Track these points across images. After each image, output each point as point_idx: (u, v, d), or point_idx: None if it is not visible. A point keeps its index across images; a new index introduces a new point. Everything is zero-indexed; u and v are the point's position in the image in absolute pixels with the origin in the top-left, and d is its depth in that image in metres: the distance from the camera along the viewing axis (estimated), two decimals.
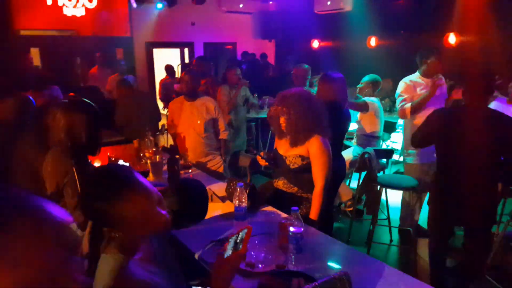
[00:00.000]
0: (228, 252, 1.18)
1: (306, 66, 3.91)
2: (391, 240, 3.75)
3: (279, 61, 8.98)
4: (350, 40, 7.13)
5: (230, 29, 8.80)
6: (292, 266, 1.64)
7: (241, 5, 8.36)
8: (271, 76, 7.51)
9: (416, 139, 2.75)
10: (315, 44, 8.04)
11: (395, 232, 3.84)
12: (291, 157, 2.41)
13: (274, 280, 1.45)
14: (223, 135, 3.63)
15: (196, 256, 1.67)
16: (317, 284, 1.19)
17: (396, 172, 4.88)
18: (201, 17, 8.24)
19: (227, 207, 2.29)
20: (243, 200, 2.05)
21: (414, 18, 6.35)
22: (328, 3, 7.30)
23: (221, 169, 3.60)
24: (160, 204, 1.15)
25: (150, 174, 2.74)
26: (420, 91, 3.46)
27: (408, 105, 3.41)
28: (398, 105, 3.55)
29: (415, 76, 3.55)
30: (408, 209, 3.76)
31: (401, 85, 3.54)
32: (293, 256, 1.68)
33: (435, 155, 2.79)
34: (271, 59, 9.08)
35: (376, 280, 1.59)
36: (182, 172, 2.88)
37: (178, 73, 7.04)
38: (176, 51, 8.66)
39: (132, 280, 1.05)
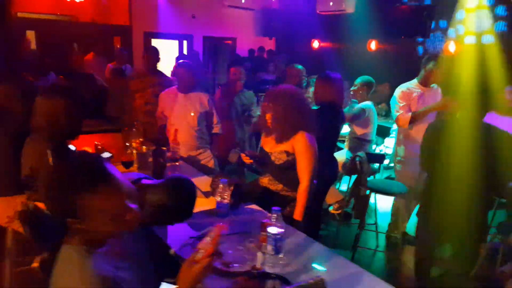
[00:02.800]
0: (201, 252, 1.14)
1: (299, 66, 3.85)
2: (377, 246, 3.72)
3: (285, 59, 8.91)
4: (350, 42, 7.10)
5: (230, 24, 8.71)
6: (269, 268, 1.59)
7: (243, 0, 8.29)
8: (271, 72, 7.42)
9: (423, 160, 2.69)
10: (316, 44, 7.99)
11: (382, 238, 3.81)
12: (276, 153, 2.39)
13: (249, 280, 1.40)
14: (216, 129, 3.58)
15: (172, 252, 1.62)
16: None
17: (388, 178, 4.85)
18: (202, 10, 8.15)
19: (211, 203, 2.24)
20: (225, 196, 2.00)
21: (415, 24, 6.31)
22: (331, 3, 7.25)
23: (211, 164, 3.55)
24: (131, 198, 1.10)
25: (135, 165, 2.69)
26: (412, 99, 3.42)
27: (410, 114, 3.36)
28: (394, 111, 3.50)
29: (413, 84, 3.51)
30: (397, 216, 3.74)
31: (398, 92, 3.49)
32: (271, 258, 1.63)
33: None
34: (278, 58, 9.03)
35: (354, 287, 1.55)
36: (168, 164, 2.82)
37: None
38: (175, 43, 8.57)
39: (93, 274, 1.00)
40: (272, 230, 1.60)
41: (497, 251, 3.03)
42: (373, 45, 6.76)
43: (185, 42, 8.61)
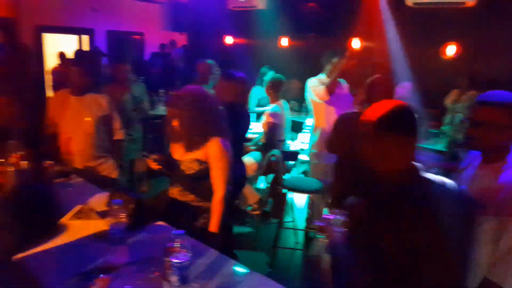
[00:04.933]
0: None
1: (210, 61, 3.63)
2: (296, 243, 3.70)
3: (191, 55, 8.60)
4: (262, 38, 7.08)
5: (137, 18, 8.14)
6: None
7: None
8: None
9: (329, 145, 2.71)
10: (228, 40, 7.83)
11: (301, 235, 3.81)
12: (186, 161, 2.16)
13: None
14: (119, 134, 3.20)
15: None
16: None
17: (304, 172, 4.91)
18: (104, 2, 7.47)
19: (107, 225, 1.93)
20: (121, 218, 1.72)
21: (324, 21, 6.50)
22: None
23: (114, 175, 3.17)
24: None
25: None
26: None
27: (322, 86, 3.41)
28: (313, 96, 3.51)
29: (321, 78, 3.58)
30: (314, 211, 3.76)
31: (310, 83, 3.55)
32: None
33: None
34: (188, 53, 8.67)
35: None
36: (58, 180, 2.42)
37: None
38: (74, 38, 7.73)
39: None
40: (176, 258, 1.38)
41: None
42: (284, 41, 6.82)
43: (85, 37, 7.82)
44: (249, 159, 3.77)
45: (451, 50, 5.20)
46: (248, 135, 3.44)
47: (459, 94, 4.69)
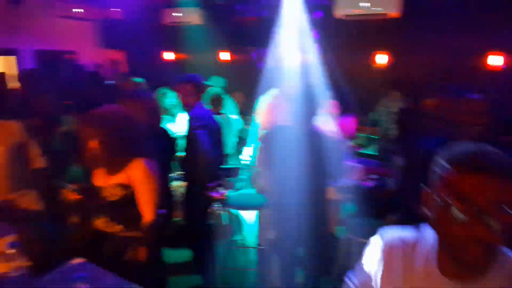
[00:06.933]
0: None
1: (137, 79, 3.44)
2: (248, 261, 3.57)
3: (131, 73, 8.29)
4: (201, 53, 7.00)
5: (67, 36, 7.69)
6: None
7: (78, 10, 7.39)
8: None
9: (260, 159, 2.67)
10: (167, 56, 7.68)
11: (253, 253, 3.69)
12: (109, 187, 1.98)
13: None
14: (38, 162, 2.89)
15: None
16: None
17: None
18: (28, 21, 6.97)
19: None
20: (18, 264, 1.49)
21: (260, 35, 6.55)
22: (177, 14, 7.02)
23: (37, 207, 2.85)
24: None
25: None
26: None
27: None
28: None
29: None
30: (263, 225, 3.66)
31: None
32: None
33: None
34: (124, 70, 8.32)
35: None
36: None
37: None
38: None
39: None
40: None
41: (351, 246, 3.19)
42: (222, 55, 6.79)
43: (11, 58, 7.23)
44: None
45: (380, 58, 5.46)
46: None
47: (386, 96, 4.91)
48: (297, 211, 2.46)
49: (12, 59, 7.25)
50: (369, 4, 4.94)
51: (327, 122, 2.77)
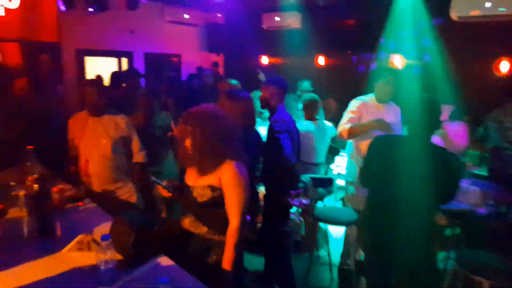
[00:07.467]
0: None
1: (233, 81, 3.42)
2: (332, 280, 3.32)
3: (227, 75, 8.57)
4: (298, 57, 6.89)
5: (174, 40, 8.25)
6: None
7: (186, 16, 7.88)
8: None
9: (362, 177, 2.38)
10: (264, 60, 7.75)
11: (336, 271, 3.42)
12: (198, 188, 1.93)
13: None
14: (138, 157, 3.05)
15: None
16: None
17: (342, 199, 4.51)
18: (141, 25, 7.64)
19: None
20: (108, 257, 1.49)
21: (362, 38, 6.20)
22: (276, 19, 7.05)
23: (133, 199, 3.00)
24: None
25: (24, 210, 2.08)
26: (367, 113, 3.12)
27: (348, 125, 3.05)
28: (340, 123, 3.17)
29: (369, 98, 3.21)
30: (349, 245, 3.37)
31: (352, 104, 3.20)
32: None
33: None
34: (223, 73, 8.65)
35: None
36: (66, 206, 2.27)
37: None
38: (113, 60, 7.94)
39: None
40: None
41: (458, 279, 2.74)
42: (321, 60, 6.59)
43: (124, 60, 8.01)
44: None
45: (504, 66, 4.70)
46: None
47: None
48: (395, 234, 2.15)
49: (125, 60, 8.02)
50: (491, 4, 4.32)
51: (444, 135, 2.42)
